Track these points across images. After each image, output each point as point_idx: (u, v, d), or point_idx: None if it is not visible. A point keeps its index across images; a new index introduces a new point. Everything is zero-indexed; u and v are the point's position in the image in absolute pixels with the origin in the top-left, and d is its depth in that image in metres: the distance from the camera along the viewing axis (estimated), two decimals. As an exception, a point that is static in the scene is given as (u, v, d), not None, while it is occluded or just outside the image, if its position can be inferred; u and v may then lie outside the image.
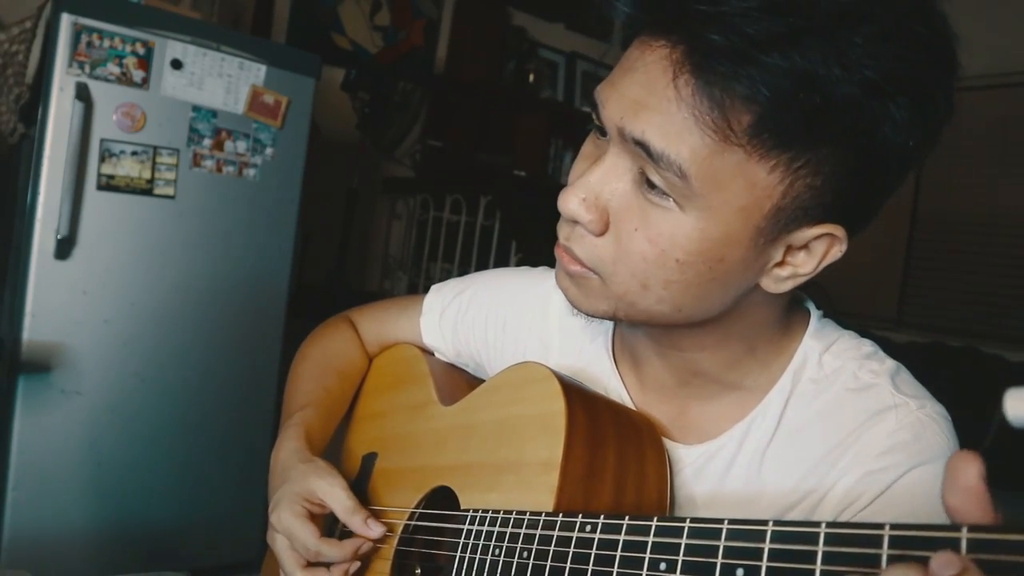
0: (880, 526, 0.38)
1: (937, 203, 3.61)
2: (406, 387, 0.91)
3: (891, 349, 0.68)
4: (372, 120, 3.29)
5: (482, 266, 3.12)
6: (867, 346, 0.67)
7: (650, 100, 0.53)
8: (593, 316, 0.64)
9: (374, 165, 3.48)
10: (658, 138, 0.53)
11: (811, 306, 0.70)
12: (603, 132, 0.59)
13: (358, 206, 3.32)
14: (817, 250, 0.58)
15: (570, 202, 0.58)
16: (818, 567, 0.39)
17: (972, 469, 0.36)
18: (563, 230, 0.61)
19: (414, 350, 0.95)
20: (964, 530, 0.34)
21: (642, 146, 0.54)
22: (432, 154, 3.49)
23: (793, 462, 0.62)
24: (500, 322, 0.86)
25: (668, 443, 0.68)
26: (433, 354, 0.96)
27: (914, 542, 0.36)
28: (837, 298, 3.55)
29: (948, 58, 0.54)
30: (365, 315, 1.02)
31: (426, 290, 0.97)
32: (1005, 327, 3.43)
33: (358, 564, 0.73)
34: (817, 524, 0.41)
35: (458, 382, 0.88)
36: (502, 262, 3.02)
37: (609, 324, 0.77)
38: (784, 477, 0.63)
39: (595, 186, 0.58)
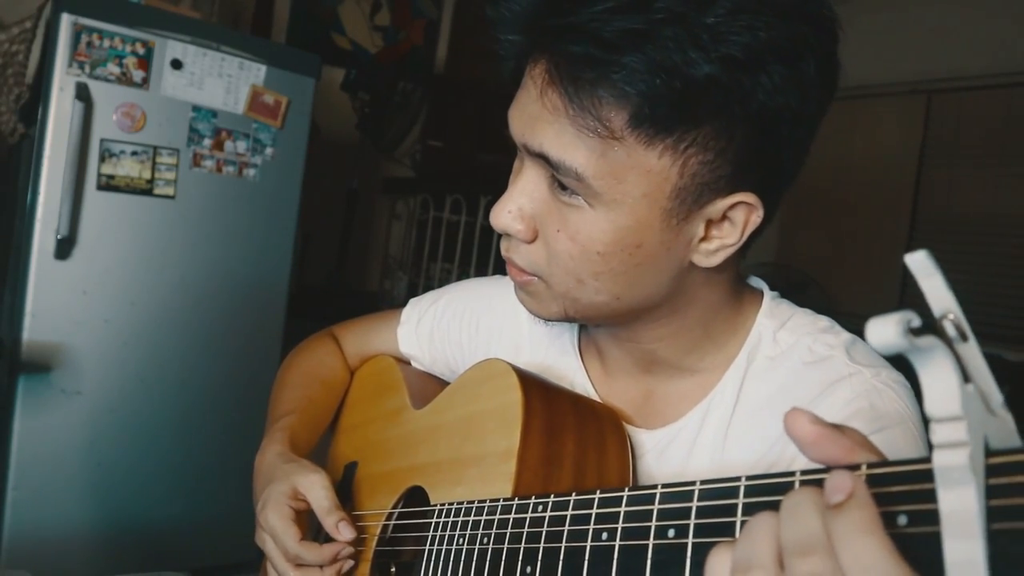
0: (791, 473, 0.39)
1: (937, 203, 3.61)
2: (383, 396, 0.93)
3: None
4: (372, 120, 3.29)
5: (482, 266, 3.12)
6: (823, 321, 0.68)
7: (540, 114, 0.58)
8: (550, 319, 0.67)
9: (374, 165, 3.48)
10: (554, 149, 0.57)
11: (763, 286, 0.71)
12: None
13: (358, 206, 3.32)
14: (737, 220, 0.60)
15: (500, 217, 0.63)
16: (738, 518, 0.41)
17: (801, 419, 0.37)
18: (503, 243, 0.66)
19: (390, 360, 0.98)
20: (863, 467, 0.35)
21: (542, 157, 0.58)
22: (432, 154, 3.49)
23: (754, 439, 0.63)
24: (473, 326, 0.89)
25: (631, 429, 0.70)
26: (410, 363, 0.98)
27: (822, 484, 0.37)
28: (837, 298, 3.55)
29: (815, 17, 0.55)
30: (347, 330, 1.05)
31: (425, 290, 1.00)
32: (1005, 327, 3.43)
33: (350, 563, 0.75)
34: (737, 479, 0.42)
35: (431, 385, 0.91)
36: (502, 262, 3.01)
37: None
38: (746, 454, 0.64)
39: (518, 198, 0.62)
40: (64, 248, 1.90)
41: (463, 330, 0.90)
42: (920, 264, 0.32)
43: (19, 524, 1.92)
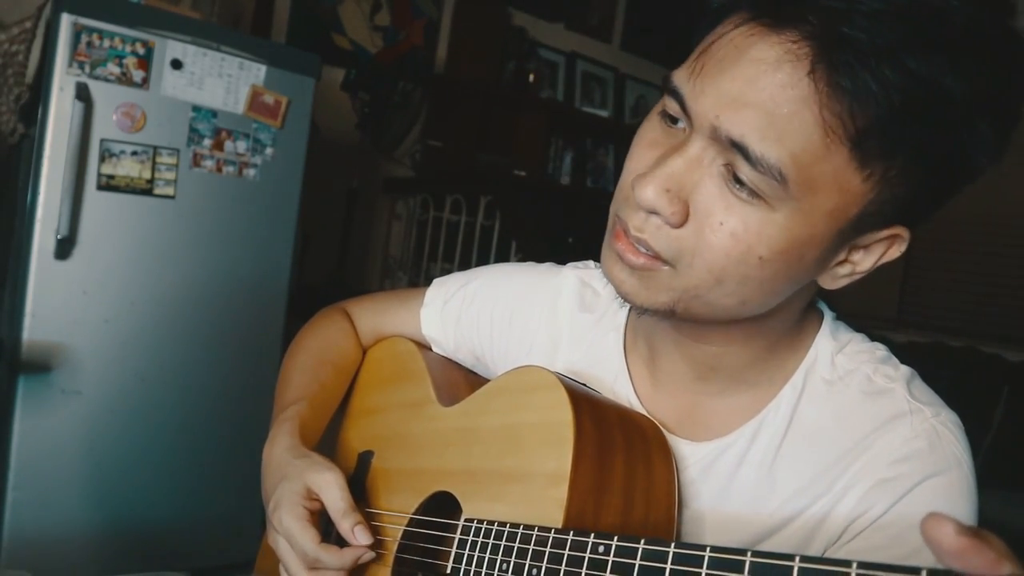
0: (917, 571, 0.36)
1: (937, 203, 3.61)
2: (403, 383, 0.89)
3: (891, 349, 0.68)
4: (372, 120, 3.29)
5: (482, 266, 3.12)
6: (880, 350, 0.67)
7: (755, 97, 0.51)
8: (647, 309, 0.61)
9: (374, 165, 3.48)
10: (758, 140, 0.51)
11: (824, 306, 0.70)
12: (673, 120, 0.58)
13: (358, 206, 3.32)
14: (877, 249, 0.58)
15: (648, 192, 0.55)
16: None
17: (945, 528, 0.35)
18: (634, 219, 0.58)
19: (410, 344, 0.93)
20: (923, 573, 0.34)
21: (738, 146, 0.52)
22: (432, 154, 3.49)
23: (805, 464, 0.62)
24: (507, 316, 0.84)
25: (673, 439, 0.68)
26: (429, 348, 0.94)
27: None
28: (837, 298, 3.55)
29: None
30: (362, 306, 1.00)
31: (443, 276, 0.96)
32: (1005, 327, 3.42)
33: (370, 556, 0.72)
34: (848, 563, 0.39)
35: (457, 381, 0.87)
36: (502, 262, 3.02)
37: (622, 320, 0.76)
38: (794, 478, 0.62)
39: (679, 176, 0.55)
40: (64, 248, 1.90)
41: (494, 319, 0.85)
42: None
43: (19, 524, 1.91)
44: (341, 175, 3.24)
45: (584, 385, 0.69)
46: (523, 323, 0.83)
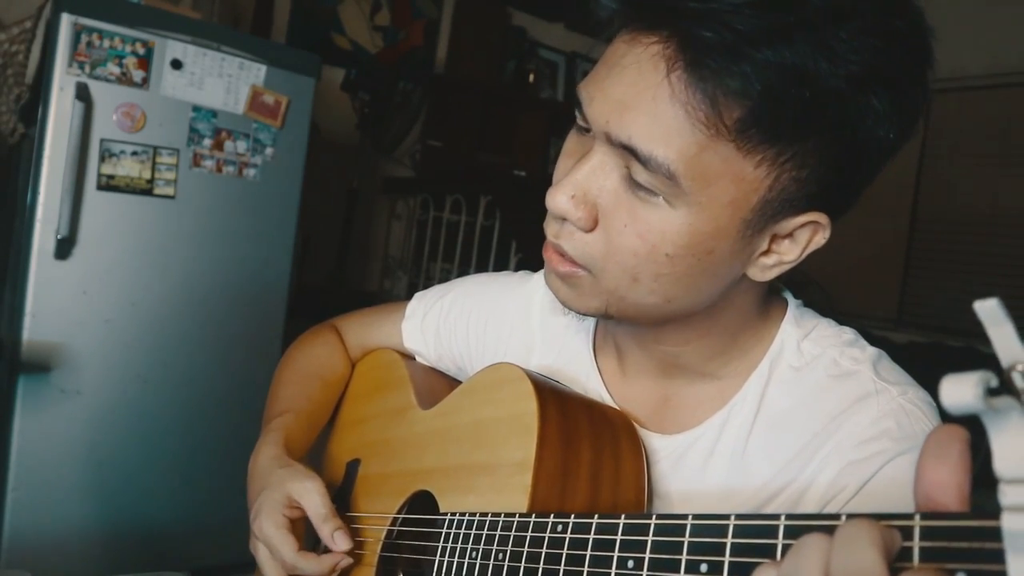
0: (836, 516, 0.38)
1: (937, 203, 3.61)
2: (387, 392, 0.91)
3: (891, 349, 0.68)
4: (372, 120, 3.30)
5: (482, 266, 3.12)
6: (847, 333, 0.67)
7: (636, 100, 0.54)
8: (585, 314, 0.64)
9: (374, 165, 3.48)
10: (644, 141, 0.53)
11: (788, 295, 0.70)
12: (587, 129, 0.60)
13: (358, 206, 3.32)
14: (801, 238, 0.59)
15: (558, 199, 0.58)
16: (778, 559, 0.40)
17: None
18: (551, 227, 0.61)
19: (394, 355, 0.96)
20: (916, 518, 0.34)
21: (628, 149, 0.54)
22: (432, 154, 3.49)
23: (775, 450, 0.62)
24: (481, 325, 0.86)
25: (646, 434, 0.68)
26: (414, 359, 0.96)
27: None
28: (837, 298, 3.55)
29: (924, 51, 0.55)
30: (349, 322, 1.03)
31: (424, 290, 0.98)
32: (1005, 327, 3.42)
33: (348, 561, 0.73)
34: (776, 517, 0.41)
35: (437, 385, 0.89)
36: (502, 262, 3.02)
37: (591, 321, 0.77)
38: (766, 465, 0.63)
39: (583, 183, 0.58)
40: (64, 248, 1.90)
41: (470, 329, 0.87)
42: (990, 312, 0.31)
43: (19, 524, 1.91)
44: (341, 175, 3.24)
45: (555, 380, 0.71)
46: (497, 330, 0.85)
